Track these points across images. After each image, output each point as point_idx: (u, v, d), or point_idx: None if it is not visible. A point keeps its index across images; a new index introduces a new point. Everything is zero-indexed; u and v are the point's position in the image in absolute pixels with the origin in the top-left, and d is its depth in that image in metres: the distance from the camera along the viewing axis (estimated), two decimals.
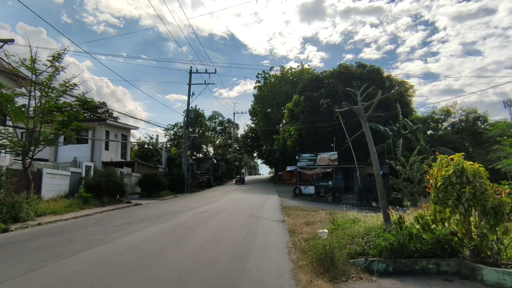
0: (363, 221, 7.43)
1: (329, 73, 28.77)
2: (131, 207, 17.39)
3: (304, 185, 25.03)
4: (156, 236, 7.85)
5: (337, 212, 13.40)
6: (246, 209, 14.94)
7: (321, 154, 24.82)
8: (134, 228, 9.02)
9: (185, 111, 34.64)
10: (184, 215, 12.34)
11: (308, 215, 12.15)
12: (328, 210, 14.34)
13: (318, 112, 26.70)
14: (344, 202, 22.92)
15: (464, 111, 23.57)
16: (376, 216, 9.04)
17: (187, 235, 7.97)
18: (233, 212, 13.05)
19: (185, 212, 13.66)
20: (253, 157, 77.10)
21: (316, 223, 9.69)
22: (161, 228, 9.14)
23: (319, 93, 27.48)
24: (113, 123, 28.24)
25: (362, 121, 6.92)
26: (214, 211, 12.51)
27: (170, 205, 17.71)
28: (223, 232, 8.42)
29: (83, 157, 25.59)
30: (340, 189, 24.42)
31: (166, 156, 33.17)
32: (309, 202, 21.72)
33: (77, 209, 14.62)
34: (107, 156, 27.28)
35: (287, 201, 20.25)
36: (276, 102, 49.81)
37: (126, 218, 11.68)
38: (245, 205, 16.83)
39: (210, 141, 56.04)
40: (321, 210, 14.90)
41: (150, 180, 24.40)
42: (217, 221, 10.55)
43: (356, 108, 7.17)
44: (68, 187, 17.73)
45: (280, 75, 51.47)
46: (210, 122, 63.30)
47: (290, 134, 29.70)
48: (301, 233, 7.90)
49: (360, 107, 7.01)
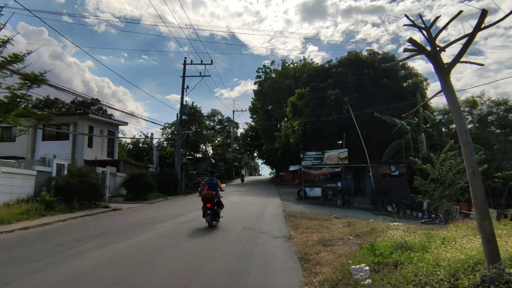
0: (419, 245, 4.64)
1: (336, 62, 25.95)
2: (106, 213, 14.65)
3: (309, 187, 22.22)
4: (94, 270, 5.08)
5: (355, 222, 10.61)
6: (242, 217, 12.17)
7: (328, 152, 22.02)
8: (75, 252, 6.26)
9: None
10: (161, 227, 9.58)
11: (321, 227, 9.36)
12: (344, 219, 11.56)
13: (325, 104, 23.88)
14: (356, 206, 20.15)
15: (493, 102, 20.72)
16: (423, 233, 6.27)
17: (143, 268, 5.18)
18: (224, 222, 10.28)
19: (165, 221, 10.90)
20: (253, 157, 74.25)
21: (336, 242, 6.91)
22: (114, 251, 6.38)
23: (326, 83, 24.63)
24: (98, 118, 25.53)
25: (440, 75, 3.98)
26: (201, 221, 9.78)
27: (153, 211, 14.96)
28: (201, 261, 5.64)
29: (64, 154, 22.94)
30: (350, 191, 21.62)
31: (157, 154, 30.33)
32: (316, 206, 18.93)
33: (35, 216, 11.90)
34: (91, 154, 24.55)
35: (291, 206, 17.46)
36: (277, 98, 46.99)
37: (83, 231, 8.94)
38: (241, 212, 14.08)
39: (208, 139, 53.15)
40: (334, 218, 12.11)
41: (137, 181, 21.63)
42: (198, 238, 7.78)
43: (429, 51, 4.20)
44: (33, 189, 14.95)
45: (281, 70, 48.65)
46: (209, 120, 60.61)
47: (293, 130, 26.87)
48: (319, 264, 5.12)
49: (436, 51, 4.04)
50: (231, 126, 62.51)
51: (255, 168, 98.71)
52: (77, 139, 23.84)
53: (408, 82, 25.39)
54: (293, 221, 10.93)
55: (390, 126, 22.41)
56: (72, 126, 24.01)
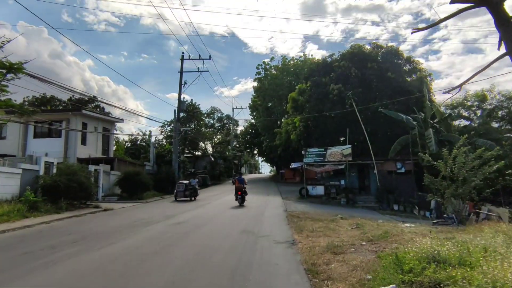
0: (455, 258, 3.72)
1: (339, 56, 24.93)
2: (95, 214, 13.75)
3: (311, 185, 21.31)
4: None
5: (364, 223, 9.71)
6: (240, 218, 11.26)
7: (331, 148, 21.07)
8: (43, 263, 5.37)
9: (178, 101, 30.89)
10: (150, 230, 8.68)
11: (327, 230, 8.45)
12: (351, 220, 10.66)
13: (327, 99, 22.89)
14: (360, 205, 19.23)
15: (503, 96, 19.72)
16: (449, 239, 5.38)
17: (115, 285, 4.28)
18: (220, 225, 9.39)
19: (156, 223, 10.00)
20: (253, 154, 73.25)
21: (348, 249, 6.01)
22: (89, 261, 5.48)
23: (328, 78, 23.62)
24: (91, 114, 24.56)
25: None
26: (194, 222, 8.91)
27: (145, 211, 14.08)
28: (188, 274, 4.74)
29: (56, 152, 22.09)
30: (354, 189, 20.69)
31: (154, 152, 29.40)
32: (318, 205, 18.03)
33: (16, 218, 11.01)
34: (84, 151, 23.62)
35: (292, 205, 16.57)
36: (277, 95, 46.01)
37: (64, 236, 8.05)
38: (239, 212, 13.19)
39: (207, 137, 52.13)
40: (340, 218, 11.21)
41: (132, 180, 20.74)
42: (189, 244, 6.89)
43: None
44: (18, 189, 14.08)
45: (281, 66, 47.62)
46: (208, 118, 59.62)
47: (294, 126, 25.92)
48: (331, 279, 4.22)
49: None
50: (231, 124, 61.56)
51: (255, 166, 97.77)
52: (70, 136, 22.91)
53: (413, 77, 24.40)
54: (296, 222, 10.03)
55: (395, 122, 21.47)
56: (64, 122, 23.08)
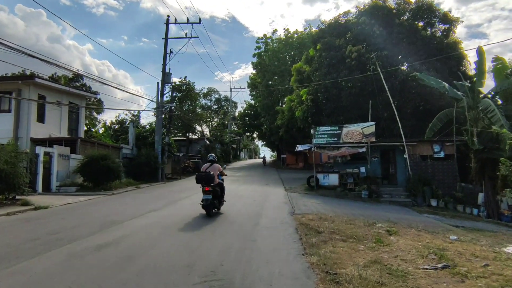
0: None
1: (357, 12, 19.79)
2: (13, 216, 9.34)
3: (322, 173, 16.92)
4: None
5: (446, 248, 5.33)
6: (219, 232, 6.89)
7: (348, 126, 16.53)
8: None
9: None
10: (76, 246, 4.29)
11: (385, 271, 4.03)
12: (409, 236, 6.23)
13: (342, 65, 18.09)
14: (387, 200, 14.85)
15: None
16: None
17: None
18: (163, 259, 5.00)
19: (98, 232, 5.61)
20: (252, 138, 68.79)
21: None
22: None
23: (343, 40, 18.74)
24: (50, 84, 19.90)
25: None
26: (127, 249, 4.57)
27: (101, 209, 9.81)
28: None
29: (3, 131, 17.70)
30: (377, 178, 16.29)
31: (134, 132, 24.81)
32: (334, 200, 13.71)
33: None
34: (43, 131, 19.11)
35: (300, 201, 12.19)
36: (279, 71, 41.05)
37: None
38: (222, 217, 8.83)
39: (202, 119, 47.50)
40: (385, 231, 6.82)
41: (96, 165, 16.39)
42: None
43: None
44: None
45: (284, 39, 42.33)
46: (205, 99, 54.79)
47: (300, 101, 21.26)
48: None
49: None
50: (229, 106, 56.74)
51: (255, 151, 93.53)
52: (21, 111, 18.37)
53: (449, 39, 19.52)
54: (312, 236, 5.69)
55: (430, 94, 16.84)
56: (14, 94, 18.51)
